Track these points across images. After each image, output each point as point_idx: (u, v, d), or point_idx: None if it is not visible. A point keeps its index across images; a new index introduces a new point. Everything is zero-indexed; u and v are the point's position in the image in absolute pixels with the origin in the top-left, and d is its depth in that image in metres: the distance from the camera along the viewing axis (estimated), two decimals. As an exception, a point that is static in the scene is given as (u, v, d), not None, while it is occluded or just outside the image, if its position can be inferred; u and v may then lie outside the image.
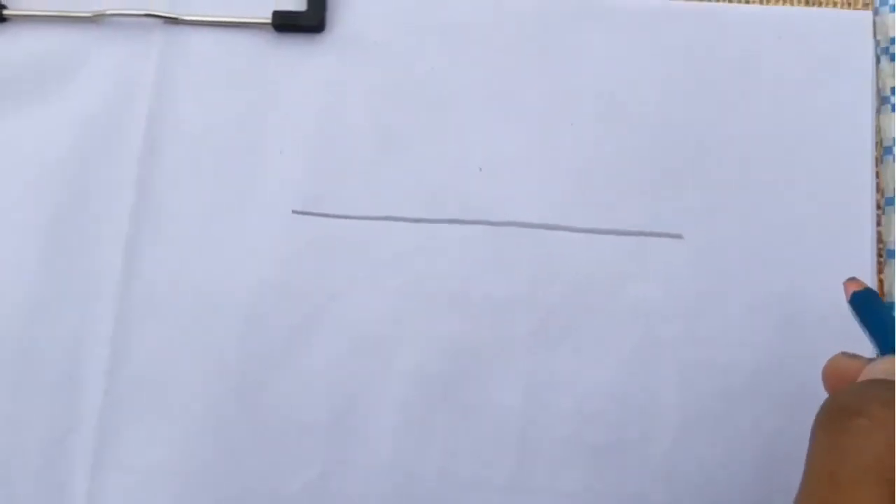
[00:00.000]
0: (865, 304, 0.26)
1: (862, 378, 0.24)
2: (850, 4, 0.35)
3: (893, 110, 0.34)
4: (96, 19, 0.35)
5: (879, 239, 0.33)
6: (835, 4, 0.35)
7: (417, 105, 0.34)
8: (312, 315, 0.33)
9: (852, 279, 0.27)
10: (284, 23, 0.34)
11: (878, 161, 0.34)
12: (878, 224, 0.34)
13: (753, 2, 0.35)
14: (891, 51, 0.34)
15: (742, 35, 0.35)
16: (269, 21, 0.34)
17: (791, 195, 0.34)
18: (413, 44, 0.35)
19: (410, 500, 0.32)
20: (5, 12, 0.35)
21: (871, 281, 0.33)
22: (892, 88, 0.34)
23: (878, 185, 0.34)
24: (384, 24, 0.35)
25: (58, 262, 0.34)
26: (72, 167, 0.34)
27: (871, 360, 0.25)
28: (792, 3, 0.35)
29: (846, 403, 0.23)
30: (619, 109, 0.34)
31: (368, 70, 0.35)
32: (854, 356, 0.26)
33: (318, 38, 0.35)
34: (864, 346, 0.26)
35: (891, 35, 0.34)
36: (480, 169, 0.34)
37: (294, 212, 0.34)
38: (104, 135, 0.34)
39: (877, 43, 0.35)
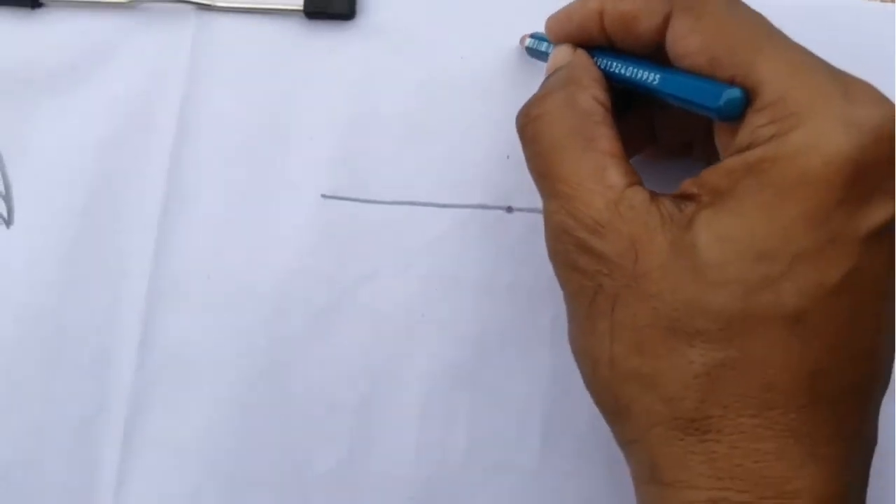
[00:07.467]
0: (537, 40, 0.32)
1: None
2: (875, -4, 0.35)
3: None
4: (130, 5, 0.35)
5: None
6: (860, -4, 0.35)
7: (446, 92, 0.35)
8: (340, 298, 0.34)
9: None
10: (316, 10, 0.35)
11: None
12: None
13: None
14: (917, 42, 0.34)
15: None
16: (301, 8, 0.35)
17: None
18: (443, 32, 0.35)
19: (436, 480, 0.33)
20: (41, -2, 0.35)
21: None
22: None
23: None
24: (415, 12, 0.35)
25: (90, 244, 0.34)
26: (105, 152, 0.35)
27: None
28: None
29: (524, 111, 0.27)
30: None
31: (398, 57, 0.35)
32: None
33: (348, 25, 0.35)
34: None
35: (917, 27, 0.35)
36: (508, 157, 0.34)
37: (323, 196, 0.34)
38: (137, 120, 0.35)
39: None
